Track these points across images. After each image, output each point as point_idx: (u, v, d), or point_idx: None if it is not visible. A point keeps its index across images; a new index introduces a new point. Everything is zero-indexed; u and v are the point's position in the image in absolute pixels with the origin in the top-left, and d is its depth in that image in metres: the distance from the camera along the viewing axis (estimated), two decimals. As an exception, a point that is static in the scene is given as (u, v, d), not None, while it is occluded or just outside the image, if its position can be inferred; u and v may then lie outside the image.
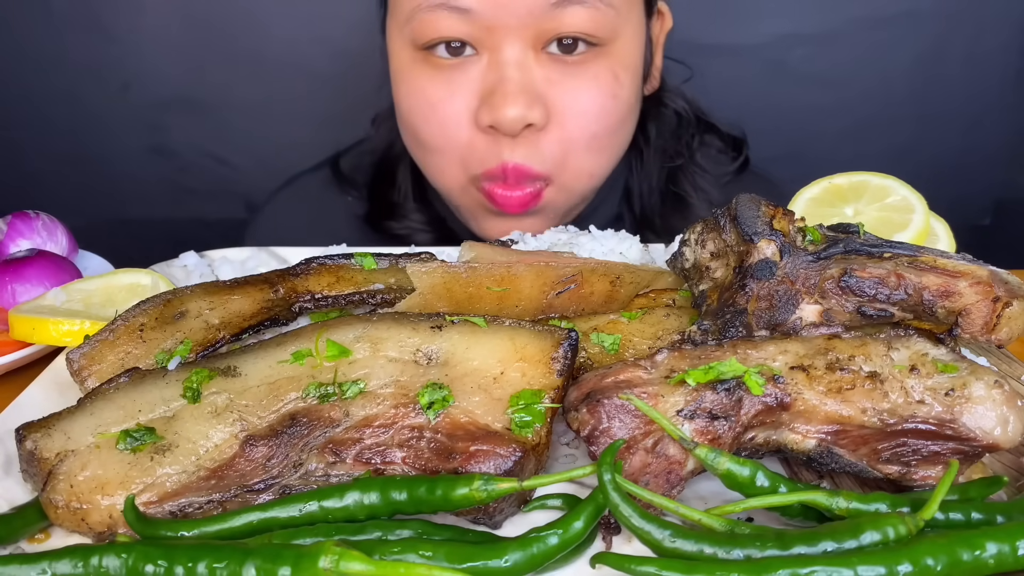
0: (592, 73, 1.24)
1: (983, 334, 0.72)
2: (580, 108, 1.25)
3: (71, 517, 0.66)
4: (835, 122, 2.13)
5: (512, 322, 0.77)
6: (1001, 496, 0.71)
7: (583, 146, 1.27)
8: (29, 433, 0.70)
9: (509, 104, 1.19)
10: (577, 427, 0.68)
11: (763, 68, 1.58)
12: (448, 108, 1.25)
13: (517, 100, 1.20)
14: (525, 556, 0.60)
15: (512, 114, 1.19)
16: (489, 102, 1.21)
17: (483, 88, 1.23)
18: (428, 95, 1.26)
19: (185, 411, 0.71)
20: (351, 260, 0.98)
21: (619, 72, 1.26)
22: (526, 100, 1.20)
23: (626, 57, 1.27)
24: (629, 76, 1.28)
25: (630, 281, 0.93)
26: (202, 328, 0.86)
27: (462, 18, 1.19)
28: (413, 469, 0.68)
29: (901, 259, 0.75)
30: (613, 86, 1.26)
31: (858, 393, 0.68)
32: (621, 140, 1.34)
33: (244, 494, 0.67)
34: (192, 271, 1.11)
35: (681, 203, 1.46)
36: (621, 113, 1.29)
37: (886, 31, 2.09)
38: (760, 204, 0.83)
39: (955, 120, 2.18)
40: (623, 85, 1.27)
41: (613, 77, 1.25)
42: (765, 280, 0.76)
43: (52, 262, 1.06)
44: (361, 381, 0.72)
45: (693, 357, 0.70)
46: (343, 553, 0.57)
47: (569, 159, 1.28)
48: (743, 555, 0.59)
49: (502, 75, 1.21)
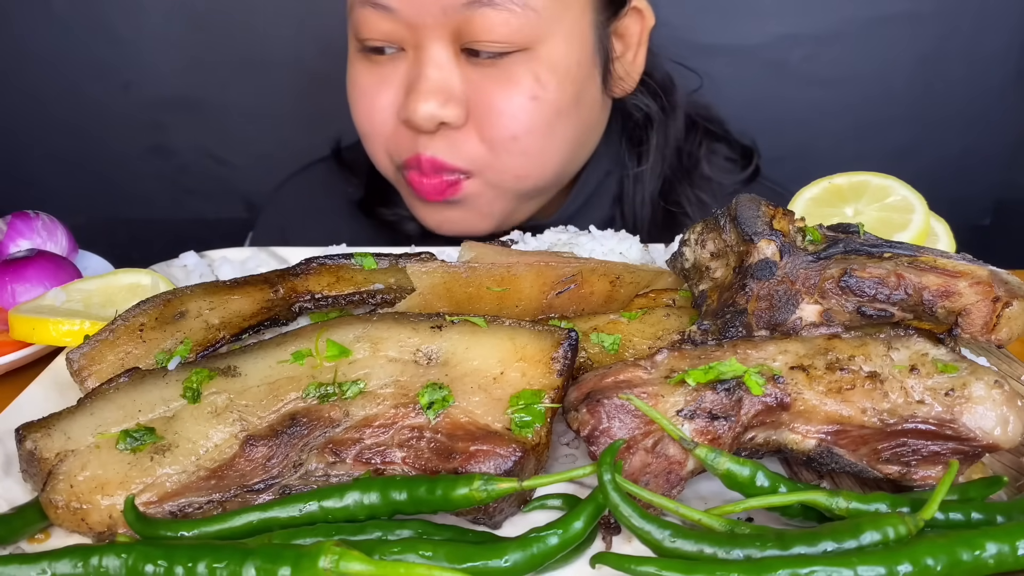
0: (509, 75, 1.24)
1: (983, 334, 0.72)
2: (497, 109, 1.26)
3: (71, 517, 0.66)
4: (835, 122, 2.12)
5: (512, 322, 0.77)
6: (1001, 496, 0.71)
7: (505, 147, 1.28)
8: (29, 433, 0.70)
9: (422, 101, 1.23)
10: (577, 427, 0.68)
11: (763, 68, 1.58)
12: (375, 99, 1.30)
13: (430, 98, 1.23)
14: (525, 556, 0.60)
15: (423, 111, 1.23)
16: (407, 97, 1.25)
17: (407, 84, 1.26)
18: (361, 84, 1.32)
19: (185, 411, 0.71)
20: (351, 260, 0.98)
21: (542, 74, 1.25)
22: (440, 99, 1.23)
23: (553, 60, 1.26)
24: (556, 79, 1.27)
25: (630, 281, 0.93)
26: (202, 328, 0.86)
27: (386, 16, 1.22)
28: (413, 469, 0.68)
29: (901, 259, 0.75)
30: (533, 88, 1.25)
31: (858, 393, 0.68)
32: (553, 144, 1.33)
33: (244, 494, 0.67)
34: (192, 271, 1.11)
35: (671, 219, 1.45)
36: (545, 115, 1.28)
37: (886, 31, 2.09)
38: (760, 204, 0.83)
39: (955, 120, 2.18)
40: (546, 87, 1.26)
41: (534, 79, 1.25)
42: (765, 280, 0.76)
43: (52, 262, 1.06)
44: (361, 381, 0.72)
45: (693, 357, 0.70)
46: (343, 553, 0.57)
47: (493, 158, 1.29)
48: (743, 555, 0.59)
49: (420, 73, 1.24)
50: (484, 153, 1.28)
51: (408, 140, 1.29)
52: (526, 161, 1.31)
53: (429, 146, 1.27)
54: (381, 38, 1.25)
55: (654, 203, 1.46)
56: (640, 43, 1.40)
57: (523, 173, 1.33)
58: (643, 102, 1.46)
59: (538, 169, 1.34)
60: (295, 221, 1.60)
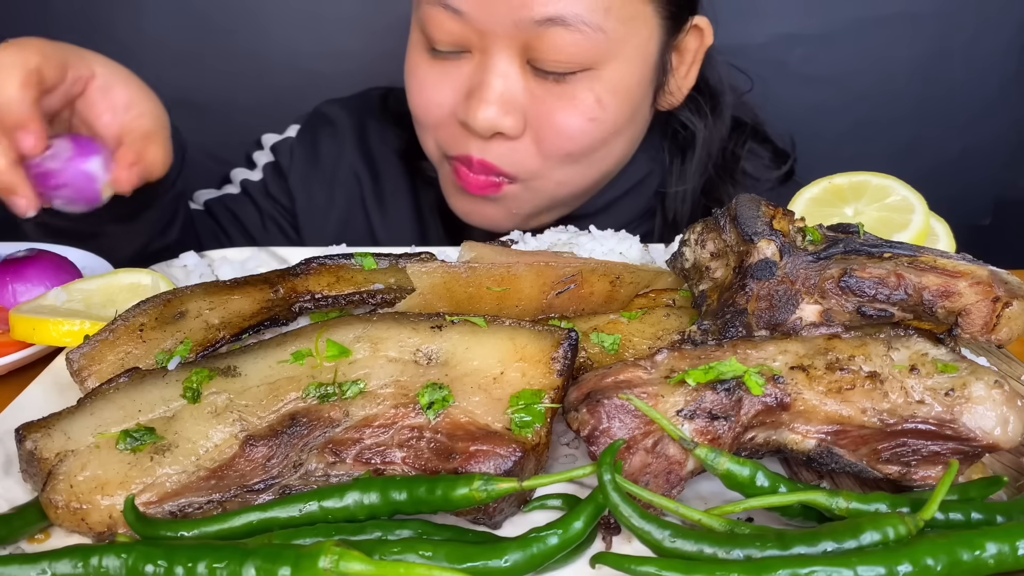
0: (573, 94, 1.25)
1: (983, 334, 0.72)
2: (556, 127, 1.26)
3: (71, 517, 0.66)
4: (835, 122, 2.12)
5: (512, 322, 0.77)
6: (1001, 496, 0.71)
7: (556, 162, 1.30)
8: (29, 433, 0.70)
9: (483, 109, 1.23)
10: (577, 427, 0.68)
11: (763, 68, 1.58)
12: (434, 93, 1.30)
13: (491, 107, 1.23)
14: (525, 556, 0.60)
15: (483, 119, 1.23)
16: (467, 101, 1.25)
17: (469, 86, 1.26)
18: (420, 76, 1.32)
19: (185, 411, 0.71)
20: (351, 260, 0.99)
21: (604, 96, 1.26)
22: (501, 109, 1.23)
23: (617, 81, 1.27)
24: (616, 100, 1.28)
25: (630, 281, 0.93)
26: (202, 328, 0.86)
27: (456, 19, 1.21)
28: (413, 469, 0.68)
29: (901, 259, 0.75)
30: (594, 110, 1.26)
31: (858, 393, 0.68)
32: (604, 158, 1.35)
33: (244, 494, 0.67)
34: (192, 271, 1.11)
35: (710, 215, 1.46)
36: (602, 135, 1.29)
37: (886, 31, 2.09)
38: (760, 204, 0.83)
39: (955, 120, 2.18)
40: (606, 109, 1.27)
41: (596, 101, 1.25)
42: (765, 280, 0.76)
43: (52, 262, 1.06)
44: (361, 381, 0.72)
45: (693, 357, 0.70)
46: (343, 553, 0.57)
47: (543, 170, 1.30)
48: (743, 555, 0.59)
49: (484, 79, 1.24)
50: (537, 165, 1.29)
51: (462, 138, 1.30)
52: (575, 172, 1.33)
53: (483, 149, 1.28)
54: (448, 40, 1.25)
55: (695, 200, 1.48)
56: (695, 60, 1.40)
57: (572, 182, 1.35)
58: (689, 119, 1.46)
59: (582, 180, 1.36)
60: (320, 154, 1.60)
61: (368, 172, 1.59)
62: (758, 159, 1.51)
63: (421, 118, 1.36)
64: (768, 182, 1.49)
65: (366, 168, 1.59)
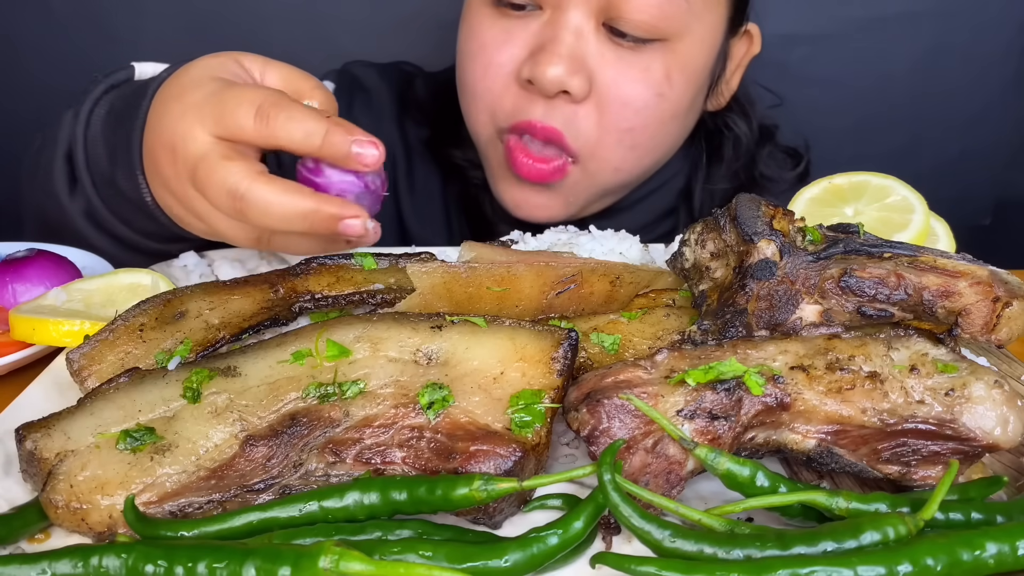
0: (645, 64, 1.21)
1: (983, 334, 0.72)
2: (623, 96, 1.23)
3: (71, 517, 0.66)
4: (835, 122, 2.12)
5: (512, 322, 0.77)
6: (1001, 496, 0.71)
7: (616, 137, 1.25)
8: (29, 433, 0.70)
9: (553, 63, 1.18)
10: (577, 427, 0.68)
11: (763, 68, 1.58)
12: (496, 54, 1.25)
13: (561, 62, 1.18)
14: (525, 556, 0.60)
15: (552, 73, 1.18)
16: (535, 57, 1.21)
17: (536, 43, 1.22)
18: (483, 37, 1.27)
19: (185, 411, 0.71)
20: (351, 260, 0.99)
21: (673, 72, 1.23)
22: (570, 65, 1.19)
23: (687, 59, 1.24)
24: (684, 79, 1.25)
25: (630, 281, 0.93)
26: (202, 328, 0.86)
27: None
28: (413, 469, 0.68)
29: (901, 259, 0.75)
30: (662, 84, 1.23)
31: (858, 393, 0.68)
32: (660, 143, 1.32)
33: (244, 494, 0.67)
34: (192, 271, 1.11)
35: None
36: (664, 114, 1.26)
37: (886, 31, 2.09)
38: (760, 204, 0.83)
39: (955, 120, 2.18)
40: (674, 86, 1.24)
41: (665, 75, 1.22)
42: (765, 280, 0.76)
43: (52, 262, 1.06)
44: (361, 381, 0.72)
45: (693, 357, 0.70)
46: (343, 553, 0.57)
47: (600, 146, 1.26)
48: (743, 555, 0.59)
49: (555, 35, 1.20)
50: (597, 137, 1.25)
51: (524, 103, 1.24)
52: (629, 155, 1.29)
53: (546, 114, 1.23)
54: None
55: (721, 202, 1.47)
56: (740, 66, 1.40)
57: (623, 167, 1.30)
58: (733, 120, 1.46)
59: (636, 167, 1.32)
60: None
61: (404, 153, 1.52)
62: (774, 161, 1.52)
63: (476, 84, 1.29)
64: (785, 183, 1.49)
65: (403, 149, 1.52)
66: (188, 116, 0.90)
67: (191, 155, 0.89)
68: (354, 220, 0.88)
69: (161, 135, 0.94)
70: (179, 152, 0.91)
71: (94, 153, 1.09)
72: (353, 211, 0.89)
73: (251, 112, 0.87)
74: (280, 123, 0.88)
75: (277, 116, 0.88)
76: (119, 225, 1.11)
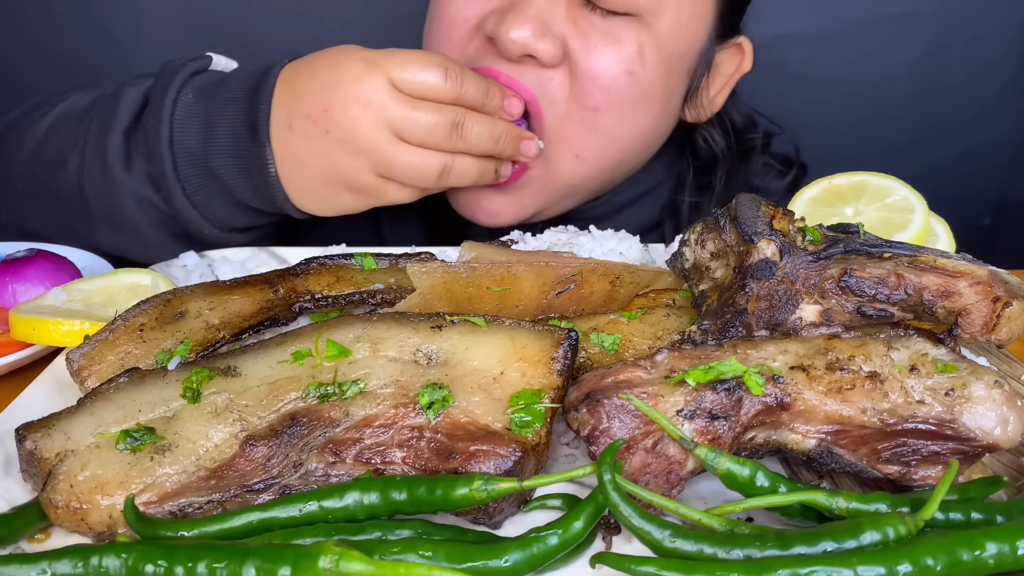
0: (618, 36, 1.17)
1: (983, 334, 0.72)
2: (592, 70, 1.18)
3: (71, 517, 0.66)
4: (835, 122, 2.12)
5: (512, 322, 0.77)
6: (1001, 496, 0.71)
7: (580, 115, 1.21)
8: (29, 433, 0.70)
9: (518, 25, 1.14)
10: (577, 427, 0.68)
11: (763, 68, 1.58)
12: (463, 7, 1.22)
13: (528, 23, 1.14)
14: (525, 556, 0.60)
15: (515, 35, 1.13)
16: (502, 13, 1.16)
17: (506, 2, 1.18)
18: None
19: (185, 411, 0.71)
20: (351, 260, 0.99)
21: (647, 50, 1.18)
22: (537, 28, 1.14)
23: (663, 38, 1.19)
24: (657, 61, 1.20)
25: (630, 281, 0.93)
26: (202, 328, 0.86)
27: None
28: (413, 469, 0.68)
29: (901, 259, 0.75)
30: (634, 61, 1.18)
31: (858, 393, 0.68)
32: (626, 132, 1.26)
33: (244, 494, 0.67)
34: (192, 271, 1.11)
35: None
36: (633, 96, 1.21)
37: (886, 31, 2.09)
38: (760, 204, 0.83)
39: (955, 120, 2.18)
40: (646, 65, 1.19)
41: (637, 50, 1.18)
42: (765, 280, 0.76)
43: (52, 262, 1.06)
44: (361, 381, 0.72)
45: (693, 357, 0.70)
46: (343, 553, 0.57)
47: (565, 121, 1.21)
48: (743, 555, 0.59)
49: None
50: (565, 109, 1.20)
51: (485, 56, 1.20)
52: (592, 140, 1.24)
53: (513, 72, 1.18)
54: None
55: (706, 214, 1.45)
56: (728, 82, 1.36)
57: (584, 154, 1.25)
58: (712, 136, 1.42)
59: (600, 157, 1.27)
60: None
61: None
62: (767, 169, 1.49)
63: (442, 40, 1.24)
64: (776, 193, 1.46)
65: None
66: (361, 73, 1.05)
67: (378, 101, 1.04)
68: (531, 141, 1.17)
69: (327, 97, 1.06)
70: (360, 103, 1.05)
71: (183, 132, 1.12)
72: (530, 135, 1.18)
73: (439, 73, 1.05)
74: (467, 84, 1.07)
75: (460, 75, 1.07)
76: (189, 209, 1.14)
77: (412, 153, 1.07)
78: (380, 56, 1.06)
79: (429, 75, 1.05)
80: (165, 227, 1.18)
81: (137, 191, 1.15)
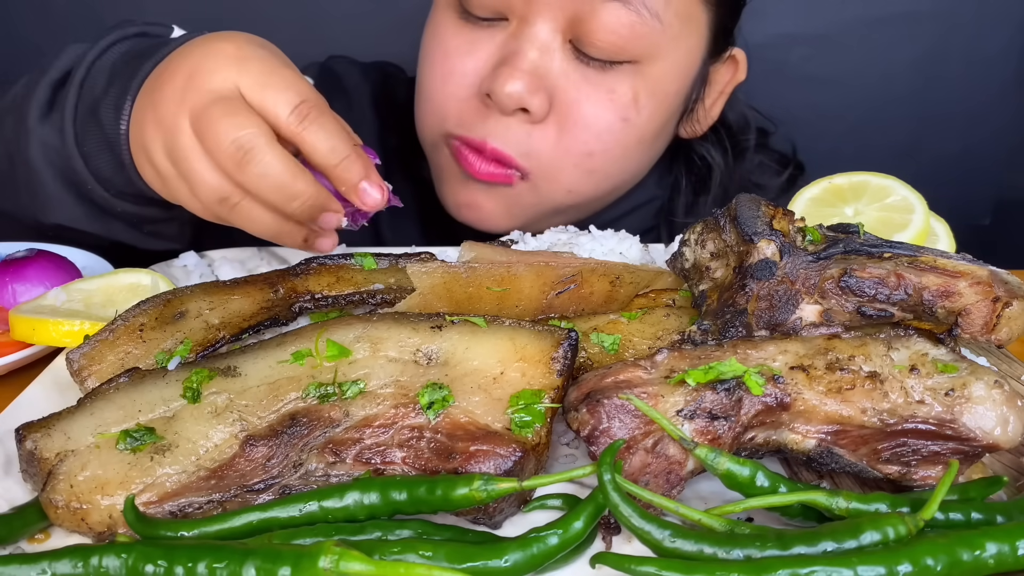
0: (611, 86, 1.16)
1: (983, 334, 0.72)
2: (585, 119, 1.17)
3: (71, 517, 0.66)
4: (835, 122, 2.12)
5: (512, 322, 0.77)
6: (1001, 496, 0.71)
7: (573, 160, 1.20)
8: (29, 433, 0.70)
9: (512, 79, 1.12)
10: (577, 427, 0.68)
11: (763, 68, 1.58)
12: (458, 63, 1.20)
13: (522, 77, 1.13)
14: (525, 556, 0.60)
15: (510, 89, 1.12)
16: (496, 70, 1.16)
17: (500, 56, 1.17)
18: (446, 45, 1.22)
19: (185, 411, 0.71)
20: (351, 260, 0.99)
21: (642, 95, 1.17)
22: (531, 82, 1.13)
23: (658, 83, 1.18)
24: (653, 104, 1.19)
25: (630, 281, 0.93)
26: (202, 328, 0.86)
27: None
28: (413, 469, 0.68)
29: (901, 259, 0.75)
30: (628, 108, 1.17)
31: (858, 393, 0.68)
32: (622, 169, 1.26)
33: (244, 494, 0.67)
34: (192, 271, 1.11)
35: None
36: (628, 139, 1.21)
37: (886, 31, 2.09)
38: (760, 204, 0.83)
39: (955, 120, 2.18)
40: (641, 111, 1.18)
41: (632, 98, 1.17)
42: (765, 280, 0.76)
43: (52, 262, 1.06)
44: (361, 381, 0.72)
45: (693, 357, 0.70)
46: (343, 553, 0.57)
47: (555, 168, 1.21)
48: (743, 555, 0.59)
49: (519, 49, 1.14)
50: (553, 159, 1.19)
51: (479, 118, 1.19)
52: (587, 179, 1.24)
53: (500, 136, 1.17)
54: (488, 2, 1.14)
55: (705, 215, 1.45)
56: (723, 93, 1.35)
57: (577, 189, 1.25)
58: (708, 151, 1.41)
59: (593, 190, 1.27)
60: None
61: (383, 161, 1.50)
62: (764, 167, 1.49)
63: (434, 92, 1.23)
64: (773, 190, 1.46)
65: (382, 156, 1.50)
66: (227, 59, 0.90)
67: (210, 89, 0.88)
68: (333, 215, 0.93)
69: (183, 61, 0.92)
70: (196, 81, 0.89)
71: (93, 79, 1.05)
72: (337, 207, 0.94)
73: (293, 103, 0.88)
74: (313, 128, 0.89)
75: (314, 120, 0.89)
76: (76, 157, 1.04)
77: (199, 158, 0.89)
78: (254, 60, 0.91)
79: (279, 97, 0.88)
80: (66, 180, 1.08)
81: (46, 139, 1.06)
